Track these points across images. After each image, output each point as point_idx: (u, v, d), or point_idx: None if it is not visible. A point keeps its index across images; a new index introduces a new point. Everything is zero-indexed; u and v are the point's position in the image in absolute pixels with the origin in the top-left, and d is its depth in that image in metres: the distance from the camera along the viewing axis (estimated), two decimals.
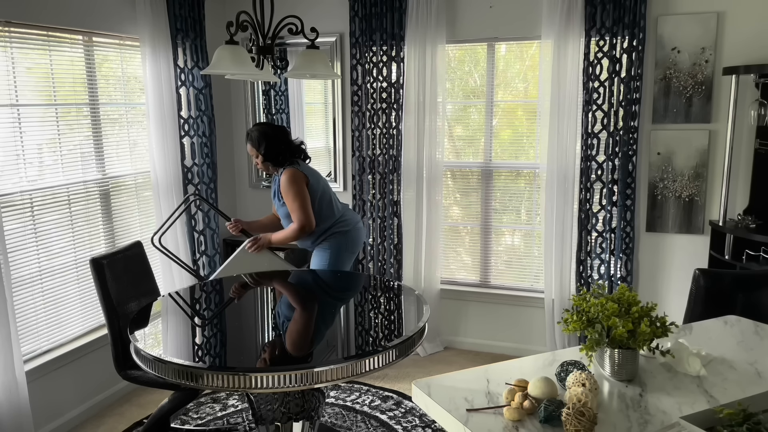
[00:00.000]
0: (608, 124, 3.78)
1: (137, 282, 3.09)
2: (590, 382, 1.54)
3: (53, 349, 3.35)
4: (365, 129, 4.27)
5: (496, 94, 4.19)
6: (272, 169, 3.46)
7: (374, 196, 4.32)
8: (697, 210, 3.81)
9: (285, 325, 2.73)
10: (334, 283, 3.32)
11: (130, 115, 3.85)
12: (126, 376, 2.82)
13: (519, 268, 4.36)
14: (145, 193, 3.95)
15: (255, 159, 3.43)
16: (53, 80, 3.30)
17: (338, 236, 3.46)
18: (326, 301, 3.09)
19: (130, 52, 3.80)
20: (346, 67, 4.35)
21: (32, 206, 3.19)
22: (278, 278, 3.35)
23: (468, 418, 1.52)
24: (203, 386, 2.18)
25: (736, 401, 1.46)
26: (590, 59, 3.76)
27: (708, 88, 3.68)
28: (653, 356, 1.85)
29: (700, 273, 2.68)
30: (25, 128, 3.14)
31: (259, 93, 4.67)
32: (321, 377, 2.13)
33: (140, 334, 2.46)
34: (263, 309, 2.96)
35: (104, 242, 3.67)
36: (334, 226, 3.45)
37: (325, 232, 3.44)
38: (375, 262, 4.39)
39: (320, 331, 2.64)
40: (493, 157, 4.26)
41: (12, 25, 3.01)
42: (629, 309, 1.72)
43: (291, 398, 2.56)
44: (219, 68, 2.57)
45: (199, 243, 4.18)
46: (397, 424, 3.38)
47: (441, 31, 4.02)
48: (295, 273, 3.47)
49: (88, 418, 3.51)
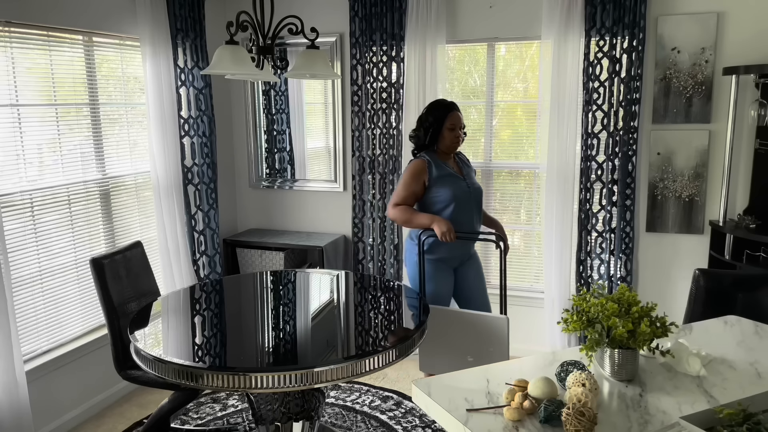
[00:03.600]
0: (608, 124, 3.78)
1: (137, 282, 3.09)
2: (590, 382, 1.54)
3: (53, 349, 3.35)
4: (365, 129, 4.27)
5: (496, 94, 4.19)
6: (459, 145, 3.25)
7: (374, 196, 4.32)
8: (697, 210, 3.81)
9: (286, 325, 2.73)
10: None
11: (130, 115, 3.85)
12: (126, 376, 2.82)
13: (519, 268, 4.36)
14: (145, 193, 3.95)
15: (459, 131, 3.17)
16: (53, 80, 3.30)
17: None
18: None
19: (130, 52, 3.80)
20: (346, 67, 4.35)
21: (32, 206, 3.19)
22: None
23: (468, 418, 1.52)
24: (203, 386, 2.18)
25: (736, 401, 1.46)
26: (590, 59, 3.76)
27: (708, 88, 3.68)
28: (653, 356, 1.85)
29: (700, 273, 2.68)
30: (25, 128, 3.14)
31: (259, 93, 4.67)
32: (321, 377, 2.13)
33: (140, 334, 2.46)
34: (263, 309, 2.96)
35: (104, 242, 3.67)
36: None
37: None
38: (375, 262, 4.39)
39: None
40: (493, 157, 4.26)
41: (12, 25, 3.01)
42: (629, 309, 1.72)
43: (291, 398, 2.56)
44: (219, 68, 2.57)
45: (199, 243, 4.18)
46: (397, 424, 3.38)
47: (441, 31, 4.03)
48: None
49: (88, 418, 3.51)
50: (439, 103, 3.22)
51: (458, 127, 3.16)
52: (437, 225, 3.00)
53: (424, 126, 3.19)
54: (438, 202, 3.14)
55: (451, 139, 3.15)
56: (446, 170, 3.17)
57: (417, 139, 3.23)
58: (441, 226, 3.00)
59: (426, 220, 3.06)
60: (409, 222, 3.13)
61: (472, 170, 3.37)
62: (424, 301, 2.90)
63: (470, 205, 3.19)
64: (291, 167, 4.72)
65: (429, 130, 3.17)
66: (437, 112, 3.16)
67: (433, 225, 3.02)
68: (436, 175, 3.13)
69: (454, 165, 3.25)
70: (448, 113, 3.14)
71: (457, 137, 3.17)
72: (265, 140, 4.73)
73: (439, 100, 3.25)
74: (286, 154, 4.72)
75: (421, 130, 3.21)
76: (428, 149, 3.21)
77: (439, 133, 3.16)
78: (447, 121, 3.14)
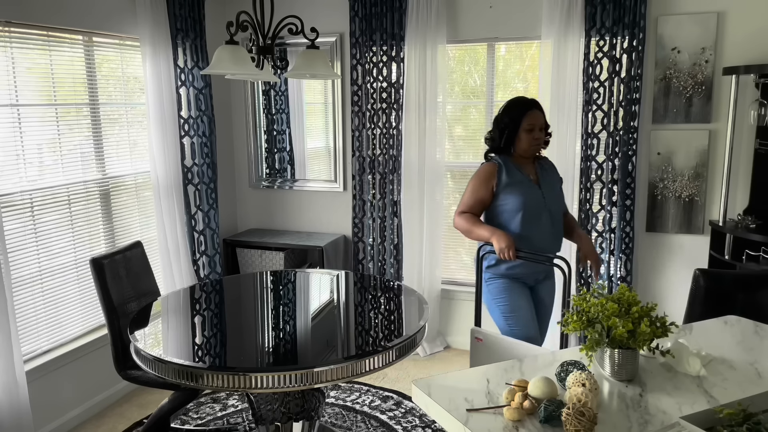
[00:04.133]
0: (608, 124, 3.78)
1: (137, 282, 3.09)
2: (590, 382, 1.54)
3: (53, 349, 3.35)
4: (365, 129, 4.27)
5: (496, 94, 4.19)
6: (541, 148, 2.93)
7: (374, 196, 4.32)
8: (697, 210, 3.81)
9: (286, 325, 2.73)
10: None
11: (130, 115, 3.85)
12: (126, 376, 2.82)
13: None
14: (145, 193, 3.95)
15: (538, 132, 2.83)
16: (53, 80, 3.30)
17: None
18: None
19: (130, 52, 3.80)
20: (346, 67, 4.35)
21: (32, 206, 3.19)
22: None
23: (468, 418, 1.52)
24: (203, 386, 2.18)
25: (736, 401, 1.46)
26: (590, 59, 3.76)
27: (708, 88, 3.68)
28: (653, 356, 1.85)
29: (700, 273, 2.68)
30: (25, 128, 3.14)
31: (259, 93, 4.67)
32: (321, 377, 2.13)
33: (140, 334, 2.46)
34: (263, 309, 2.96)
35: (104, 242, 3.67)
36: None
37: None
38: (375, 262, 4.39)
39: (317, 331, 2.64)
40: None
41: (12, 25, 3.01)
42: (629, 309, 1.72)
43: (291, 398, 2.56)
44: (219, 68, 2.57)
45: (199, 243, 4.18)
46: (397, 424, 3.38)
47: (441, 31, 4.03)
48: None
49: (88, 418, 3.51)
50: (515, 101, 2.89)
51: (538, 127, 2.82)
52: (496, 239, 2.67)
53: (499, 127, 2.87)
54: (504, 211, 2.83)
55: (528, 141, 2.81)
56: (518, 175, 2.83)
57: (492, 142, 2.91)
58: (500, 240, 2.65)
59: (486, 232, 2.74)
60: (469, 232, 2.82)
61: (557, 178, 3.01)
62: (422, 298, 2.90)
63: (543, 217, 2.82)
64: (291, 167, 4.72)
65: (504, 131, 2.84)
66: (513, 112, 2.83)
67: (492, 239, 2.69)
68: (506, 180, 2.81)
69: (531, 170, 2.91)
70: (525, 112, 2.80)
71: (536, 139, 2.82)
72: (265, 140, 4.73)
73: (516, 98, 2.92)
74: (286, 154, 4.72)
75: (496, 131, 2.88)
76: (504, 152, 2.89)
77: (515, 135, 2.82)
78: (524, 121, 2.80)
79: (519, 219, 2.79)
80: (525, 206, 2.79)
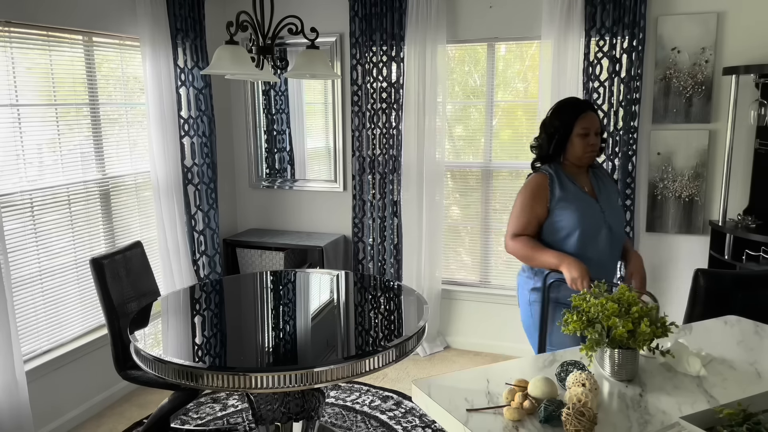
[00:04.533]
0: (608, 124, 3.78)
1: (137, 282, 3.09)
2: (590, 382, 1.54)
3: (53, 349, 3.35)
4: (365, 129, 4.27)
5: (496, 94, 4.19)
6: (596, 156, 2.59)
7: (374, 196, 4.32)
8: (697, 210, 3.81)
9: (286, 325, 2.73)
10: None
11: (130, 115, 3.85)
12: (126, 376, 2.82)
13: (519, 268, 4.35)
14: (145, 193, 3.95)
15: (593, 137, 2.48)
16: (53, 80, 3.30)
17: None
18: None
19: (130, 52, 3.80)
20: (346, 67, 4.35)
21: (32, 206, 3.19)
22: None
23: (468, 418, 1.52)
24: (203, 386, 2.18)
25: (736, 401, 1.46)
26: (590, 59, 3.76)
27: (708, 88, 3.68)
28: (653, 356, 1.85)
29: (700, 273, 2.68)
30: (25, 128, 3.14)
31: (259, 93, 4.67)
32: (321, 377, 2.13)
33: (140, 334, 2.46)
34: (263, 309, 2.96)
35: (104, 242, 3.67)
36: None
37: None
38: (375, 262, 4.39)
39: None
40: (493, 157, 4.26)
41: (12, 25, 3.01)
42: (629, 309, 1.72)
43: (291, 398, 2.56)
44: (219, 68, 2.57)
45: (199, 243, 4.18)
46: (397, 424, 3.38)
47: (441, 31, 4.03)
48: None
49: (88, 418, 3.51)
50: (566, 102, 2.56)
51: (593, 131, 2.48)
52: (567, 267, 2.33)
53: (547, 132, 2.53)
54: (559, 229, 2.48)
55: (582, 147, 2.47)
56: (572, 188, 2.50)
57: (539, 149, 2.57)
58: (572, 269, 2.32)
59: (553, 258, 2.40)
60: (529, 259, 2.49)
61: (614, 189, 2.67)
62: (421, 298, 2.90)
63: (602, 235, 2.49)
64: (291, 167, 4.72)
65: (554, 137, 2.50)
66: (565, 115, 2.49)
67: (561, 267, 2.36)
68: (560, 194, 2.47)
69: (585, 181, 2.57)
70: (579, 115, 2.47)
71: (591, 145, 2.48)
72: (265, 140, 4.73)
73: (568, 99, 2.59)
74: (286, 154, 4.72)
75: (543, 136, 2.55)
76: (554, 161, 2.55)
77: (567, 141, 2.49)
78: (577, 124, 2.46)
79: (576, 239, 2.45)
80: (582, 223, 2.44)
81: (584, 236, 2.45)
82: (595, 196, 2.54)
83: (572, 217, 2.45)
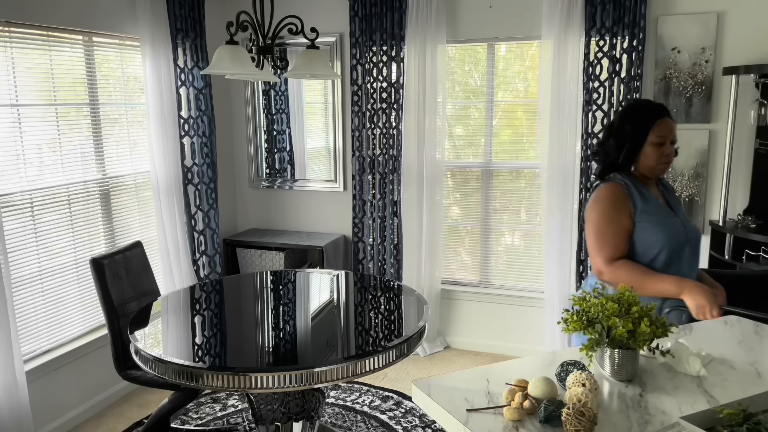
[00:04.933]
0: None
1: (137, 282, 3.09)
2: (590, 382, 1.54)
3: (53, 349, 3.35)
4: (365, 129, 4.27)
5: (496, 94, 4.19)
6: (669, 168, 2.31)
7: (374, 196, 4.32)
8: (697, 210, 3.81)
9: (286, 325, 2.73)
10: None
11: (130, 115, 3.85)
12: (126, 376, 2.82)
13: (519, 268, 4.36)
14: (145, 193, 3.95)
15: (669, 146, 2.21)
16: (53, 80, 3.30)
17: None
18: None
19: (130, 52, 3.80)
20: (346, 67, 4.35)
21: (32, 206, 3.19)
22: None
23: (468, 418, 1.52)
24: (203, 386, 2.18)
25: (736, 401, 1.46)
26: (590, 59, 3.76)
27: (708, 88, 3.68)
28: (653, 356, 1.85)
29: (700, 273, 2.68)
30: (25, 128, 3.14)
31: (259, 93, 4.67)
32: (321, 377, 2.13)
33: (140, 334, 2.46)
34: (263, 309, 2.96)
35: (104, 242, 3.67)
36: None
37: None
38: (375, 262, 4.39)
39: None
40: (493, 157, 4.26)
41: (12, 25, 3.01)
42: (629, 309, 1.71)
43: (291, 398, 2.56)
44: (219, 68, 2.57)
45: (199, 243, 4.18)
46: (397, 424, 3.38)
47: (441, 31, 4.02)
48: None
49: (88, 418, 3.51)
50: (641, 105, 2.27)
51: (668, 141, 2.20)
52: (691, 295, 2.03)
53: (616, 137, 2.24)
54: (645, 249, 2.18)
55: (656, 158, 2.19)
56: (654, 201, 2.22)
57: (604, 156, 2.28)
58: (697, 296, 2.02)
59: (671, 285, 2.07)
60: (641, 288, 2.06)
61: (680, 201, 2.46)
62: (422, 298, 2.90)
63: (686, 252, 2.22)
64: (291, 167, 4.72)
65: (625, 144, 2.21)
66: (639, 120, 2.20)
67: (683, 295, 2.05)
68: (642, 207, 2.18)
69: (658, 194, 2.30)
70: (654, 121, 2.18)
71: (666, 156, 2.20)
72: (265, 140, 4.73)
73: (642, 102, 2.31)
74: (286, 154, 4.72)
75: (610, 142, 2.25)
76: (621, 170, 2.26)
77: (639, 150, 2.21)
78: (652, 132, 2.18)
79: (663, 258, 2.16)
80: (670, 240, 2.17)
81: (671, 255, 2.17)
82: (673, 210, 2.27)
83: (658, 232, 2.16)
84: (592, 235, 2.21)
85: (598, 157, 2.33)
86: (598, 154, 2.32)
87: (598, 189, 2.26)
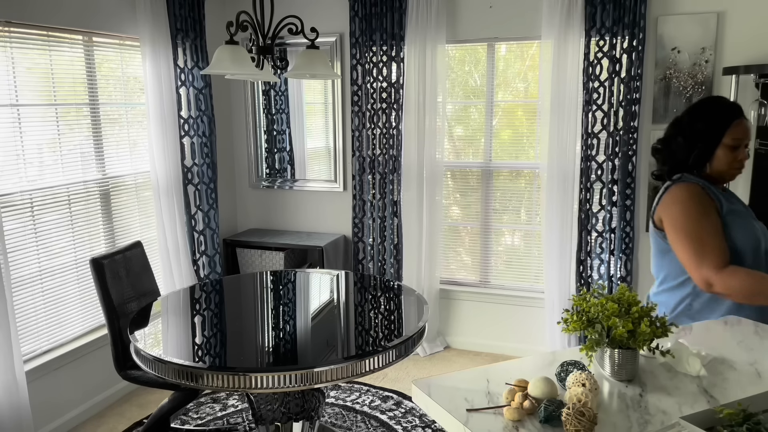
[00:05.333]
0: (608, 124, 3.78)
1: (137, 282, 3.09)
2: (590, 382, 1.54)
3: (53, 349, 3.36)
4: (365, 129, 4.27)
5: (496, 94, 4.19)
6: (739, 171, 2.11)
7: (374, 196, 4.32)
8: None
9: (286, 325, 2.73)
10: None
11: (130, 115, 3.85)
12: (126, 376, 2.82)
13: (519, 268, 4.36)
14: (145, 193, 3.95)
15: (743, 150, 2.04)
16: (53, 80, 3.30)
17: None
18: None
19: (130, 52, 3.80)
20: (346, 67, 4.35)
21: (32, 206, 3.19)
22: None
23: (468, 418, 1.52)
24: (203, 386, 2.18)
25: (736, 401, 1.46)
26: (590, 59, 3.76)
27: (708, 88, 3.68)
28: (653, 356, 1.85)
29: None
30: (25, 128, 3.14)
31: (259, 93, 4.67)
32: (321, 377, 2.13)
33: (140, 334, 2.46)
34: (263, 309, 2.96)
35: (104, 242, 3.67)
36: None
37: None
38: (375, 262, 4.39)
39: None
40: (493, 157, 4.26)
41: (12, 25, 3.01)
42: (629, 309, 1.71)
43: (291, 398, 2.56)
44: (219, 68, 2.57)
45: (199, 243, 4.18)
46: (397, 424, 3.38)
47: (441, 31, 4.03)
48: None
49: (88, 418, 3.51)
50: (716, 103, 2.07)
51: (743, 144, 2.02)
52: None
53: (686, 136, 2.05)
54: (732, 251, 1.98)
55: (729, 162, 2.02)
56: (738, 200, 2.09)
57: (670, 155, 2.09)
58: None
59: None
60: (762, 293, 1.88)
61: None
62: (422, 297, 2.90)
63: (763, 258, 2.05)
64: (291, 167, 4.72)
65: (696, 144, 2.03)
66: (713, 119, 2.01)
67: None
68: (727, 209, 2.01)
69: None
70: (731, 122, 2.00)
71: (739, 160, 2.03)
72: (265, 140, 4.73)
73: (717, 99, 2.09)
74: (286, 154, 4.72)
75: (678, 140, 2.06)
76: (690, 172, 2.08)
77: (712, 151, 2.02)
78: (728, 134, 2.00)
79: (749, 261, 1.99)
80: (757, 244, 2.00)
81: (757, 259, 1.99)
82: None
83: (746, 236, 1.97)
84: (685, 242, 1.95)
85: (660, 155, 2.13)
86: (661, 152, 2.12)
87: (671, 191, 2.04)
